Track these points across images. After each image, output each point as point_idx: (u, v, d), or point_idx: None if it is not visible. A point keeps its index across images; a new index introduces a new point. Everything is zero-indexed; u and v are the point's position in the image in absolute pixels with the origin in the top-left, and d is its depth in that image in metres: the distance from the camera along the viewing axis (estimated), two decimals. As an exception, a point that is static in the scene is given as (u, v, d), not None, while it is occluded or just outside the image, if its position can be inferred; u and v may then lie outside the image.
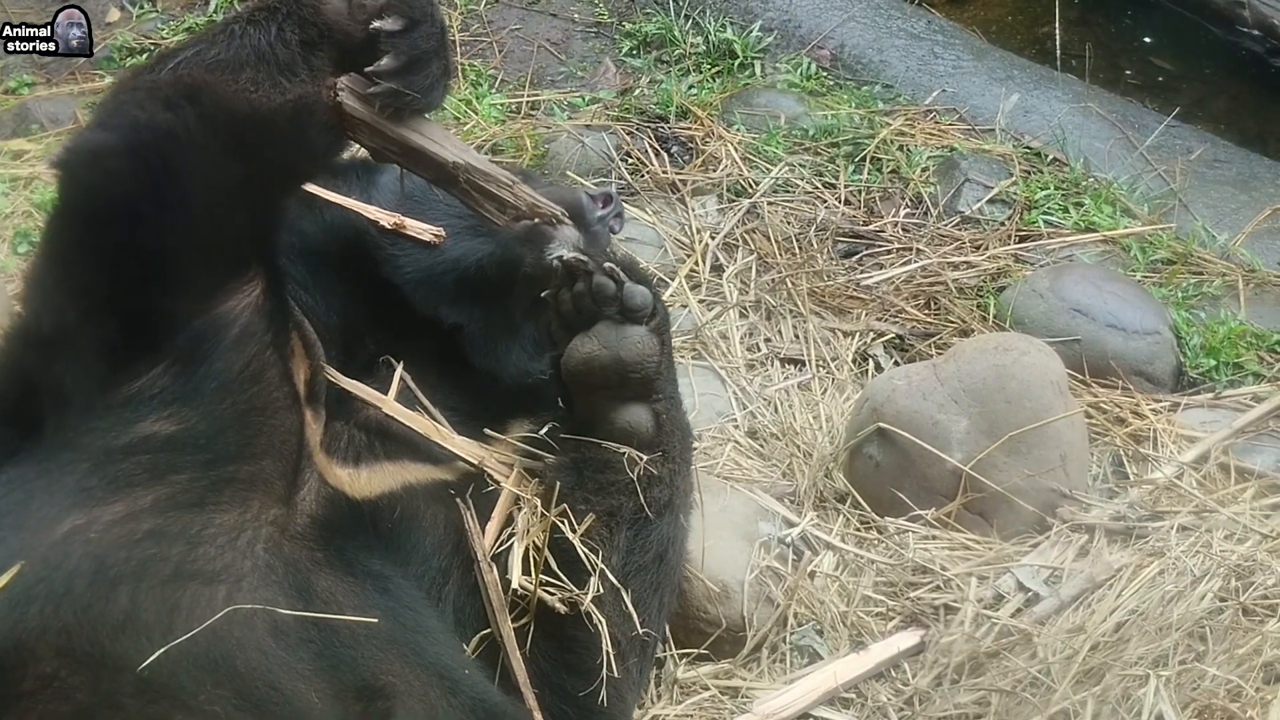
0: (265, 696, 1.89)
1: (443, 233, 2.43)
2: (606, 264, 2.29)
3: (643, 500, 2.31)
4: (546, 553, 2.26)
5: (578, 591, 2.24)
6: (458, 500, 2.35)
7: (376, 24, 2.12)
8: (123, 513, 1.98)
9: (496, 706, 2.15)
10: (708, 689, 2.61)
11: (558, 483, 2.32)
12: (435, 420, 2.43)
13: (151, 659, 1.81)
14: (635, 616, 2.28)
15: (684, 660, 2.65)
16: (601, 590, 2.25)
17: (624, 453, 2.31)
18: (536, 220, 2.36)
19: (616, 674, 2.25)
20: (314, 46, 2.15)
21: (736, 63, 4.44)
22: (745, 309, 3.55)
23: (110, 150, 2.07)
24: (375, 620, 2.06)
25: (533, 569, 2.25)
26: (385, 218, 2.43)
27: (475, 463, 2.41)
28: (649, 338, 2.30)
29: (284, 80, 2.12)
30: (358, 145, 2.29)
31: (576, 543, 2.25)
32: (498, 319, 2.54)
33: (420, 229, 2.43)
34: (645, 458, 2.32)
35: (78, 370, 2.07)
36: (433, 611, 2.24)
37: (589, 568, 2.25)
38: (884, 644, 2.64)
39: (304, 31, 2.14)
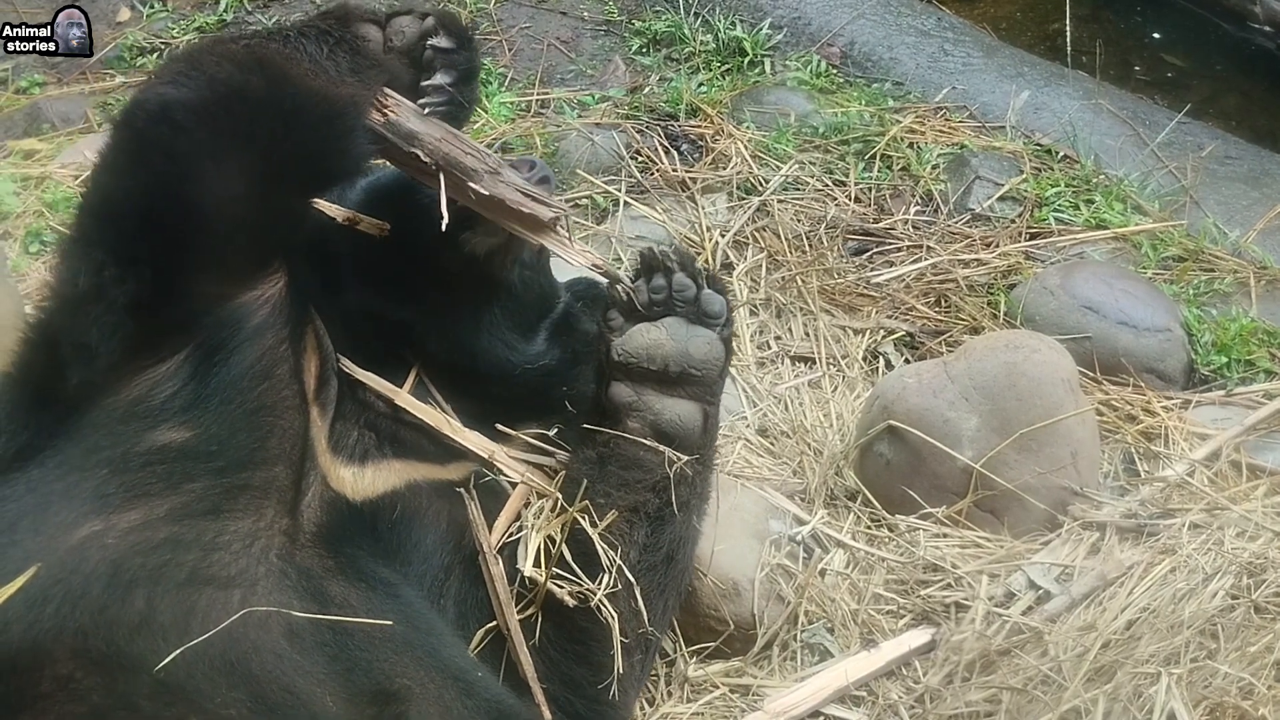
0: (280, 700, 1.90)
1: (387, 226, 2.37)
2: (692, 264, 2.33)
3: (671, 498, 2.30)
4: (563, 546, 2.25)
5: (591, 586, 2.23)
6: (462, 492, 2.35)
7: (433, 40, 2.23)
8: (139, 520, 1.99)
9: (511, 709, 2.16)
10: (718, 687, 2.61)
11: (582, 477, 2.31)
12: (447, 414, 2.42)
13: (167, 660, 1.82)
14: (645, 613, 2.28)
15: (694, 658, 2.65)
16: (619, 586, 2.24)
17: (663, 451, 2.30)
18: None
19: (622, 669, 2.25)
20: (362, 71, 2.20)
21: (746, 60, 4.45)
22: (755, 307, 3.55)
23: (182, 104, 2.08)
24: (389, 623, 2.06)
25: (543, 561, 2.25)
26: (339, 213, 2.38)
27: (486, 457, 2.40)
28: (718, 343, 2.33)
29: (339, 80, 2.17)
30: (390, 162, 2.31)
31: (596, 538, 2.24)
32: (447, 306, 2.48)
33: (371, 224, 2.37)
34: (684, 458, 2.30)
35: (108, 325, 2.06)
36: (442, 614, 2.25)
37: (606, 563, 2.24)
38: (895, 642, 2.65)
39: (354, 60, 2.20)
